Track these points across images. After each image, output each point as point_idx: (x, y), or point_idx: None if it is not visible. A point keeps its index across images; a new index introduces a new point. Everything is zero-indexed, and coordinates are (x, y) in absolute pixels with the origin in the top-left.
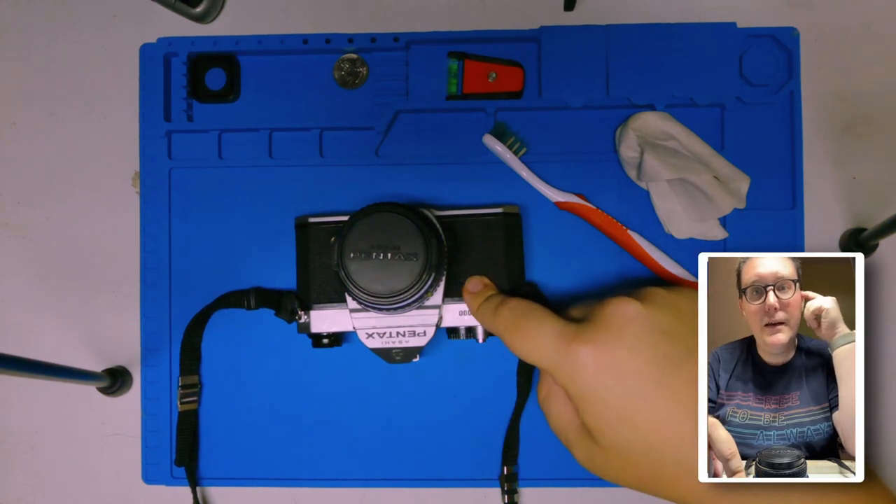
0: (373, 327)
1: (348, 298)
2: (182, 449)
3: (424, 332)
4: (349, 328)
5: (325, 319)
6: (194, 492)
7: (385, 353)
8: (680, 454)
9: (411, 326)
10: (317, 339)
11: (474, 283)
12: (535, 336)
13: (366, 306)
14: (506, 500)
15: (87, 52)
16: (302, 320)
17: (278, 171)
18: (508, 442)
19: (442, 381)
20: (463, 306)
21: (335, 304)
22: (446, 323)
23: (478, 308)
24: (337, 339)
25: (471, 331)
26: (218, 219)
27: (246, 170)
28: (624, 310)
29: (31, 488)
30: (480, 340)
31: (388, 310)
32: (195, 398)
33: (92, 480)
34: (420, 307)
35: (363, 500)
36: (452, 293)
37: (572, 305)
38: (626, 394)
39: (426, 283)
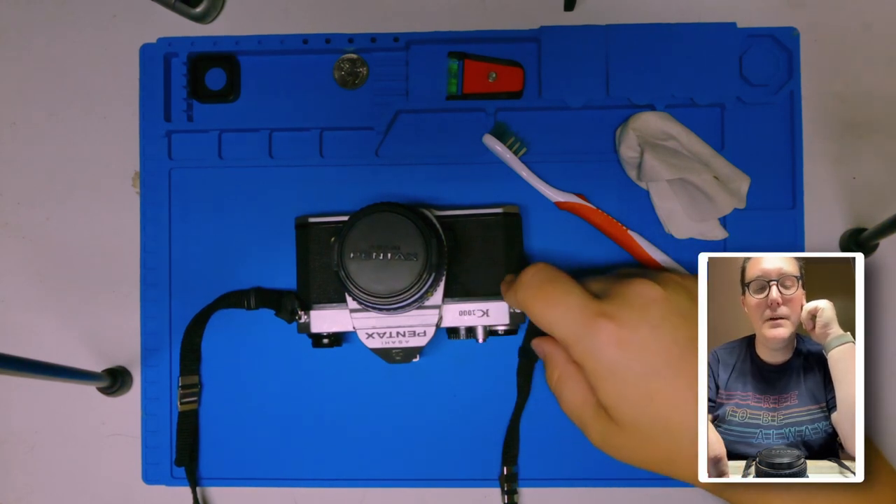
0: (373, 327)
1: (348, 298)
2: (182, 449)
3: (424, 332)
4: (349, 328)
5: (324, 319)
6: (194, 492)
7: (385, 353)
8: (696, 435)
9: (411, 326)
10: (317, 339)
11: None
12: (560, 305)
13: (366, 306)
14: (506, 501)
15: (87, 52)
16: (302, 320)
17: (278, 171)
18: (508, 442)
19: (442, 381)
20: (463, 306)
21: (335, 305)
22: (446, 323)
23: (504, 290)
24: (337, 339)
25: (471, 331)
26: (218, 219)
27: (246, 170)
28: (647, 291)
29: (31, 488)
30: (480, 340)
31: (388, 310)
32: (195, 398)
33: (92, 480)
34: (420, 307)
35: (363, 500)
36: (453, 293)
37: (590, 277)
38: (647, 372)
39: (426, 282)
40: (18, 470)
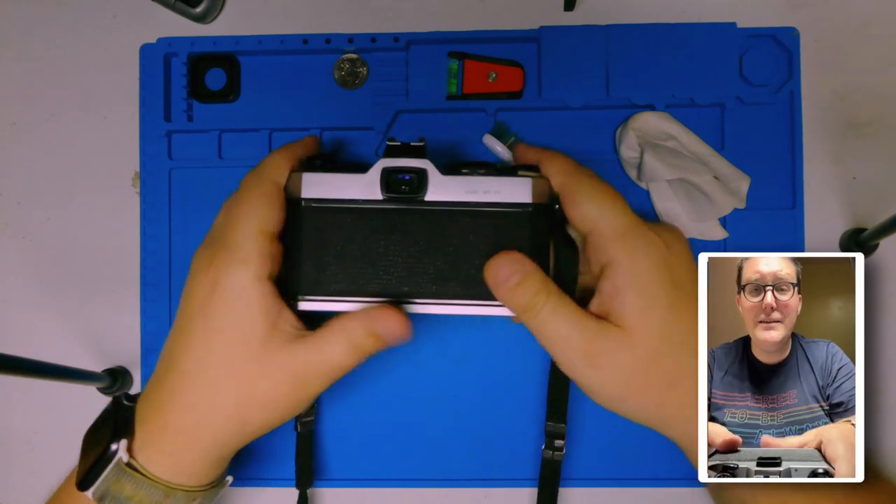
0: None
1: None
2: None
3: None
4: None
5: None
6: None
7: None
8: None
9: None
10: None
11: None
12: (620, 198)
13: None
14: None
15: (87, 53)
16: None
17: None
18: (556, 396)
19: (442, 382)
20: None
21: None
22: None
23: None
24: None
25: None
26: None
27: (246, 170)
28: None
29: (31, 488)
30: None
31: None
32: (311, 418)
33: None
34: None
35: (363, 500)
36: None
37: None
38: (677, 283)
39: None
40: (18, 470)
